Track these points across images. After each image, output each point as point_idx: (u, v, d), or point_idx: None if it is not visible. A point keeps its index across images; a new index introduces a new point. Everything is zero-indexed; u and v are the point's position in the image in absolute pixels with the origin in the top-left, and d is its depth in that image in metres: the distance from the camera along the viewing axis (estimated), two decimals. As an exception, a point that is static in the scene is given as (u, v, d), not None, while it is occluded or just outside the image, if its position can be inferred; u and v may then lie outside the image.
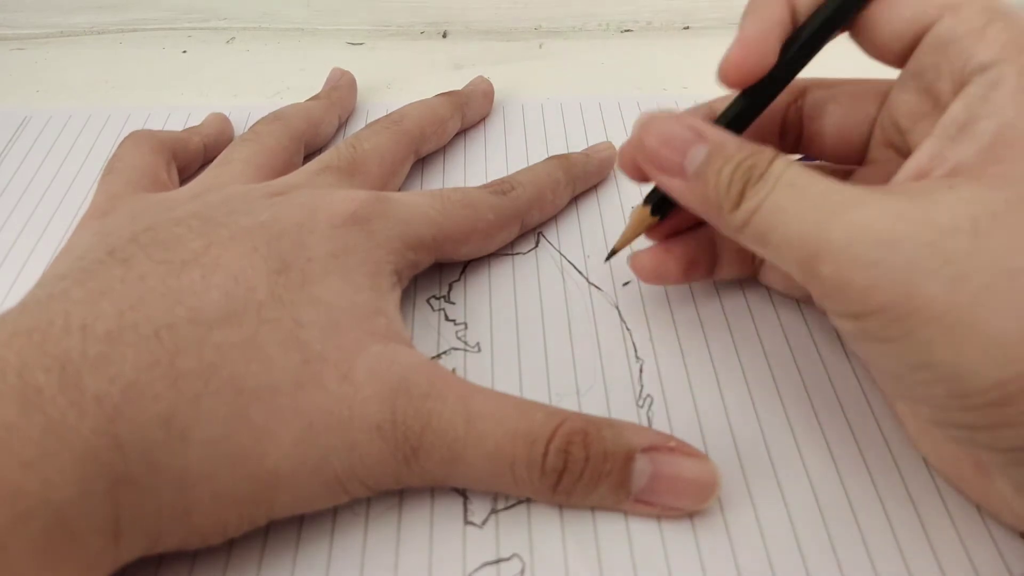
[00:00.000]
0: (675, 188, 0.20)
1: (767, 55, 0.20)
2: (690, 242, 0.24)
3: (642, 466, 0.19)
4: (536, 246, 0.28)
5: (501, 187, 0.26)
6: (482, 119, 0.34)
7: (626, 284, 0.26)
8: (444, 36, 0.41)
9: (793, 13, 0.20)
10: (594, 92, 0.36)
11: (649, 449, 0.19)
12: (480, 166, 0.31)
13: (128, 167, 0.26)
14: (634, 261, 0.24)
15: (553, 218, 0.29)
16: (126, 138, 0.28)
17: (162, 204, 0.23)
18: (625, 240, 0.24)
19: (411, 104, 0.30)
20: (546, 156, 0.29)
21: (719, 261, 0.24)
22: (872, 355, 0.18)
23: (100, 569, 0.16)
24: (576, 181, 0.29)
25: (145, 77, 0.37)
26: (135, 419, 0.16)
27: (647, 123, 0.20)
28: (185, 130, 0.31)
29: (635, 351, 0.24)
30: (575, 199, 0.29)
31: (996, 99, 0.17)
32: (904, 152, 0.20)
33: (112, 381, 0.16)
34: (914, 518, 0.20)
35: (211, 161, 0.27)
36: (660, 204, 0.22)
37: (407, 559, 0.19)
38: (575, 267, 0.27)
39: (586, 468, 0.19)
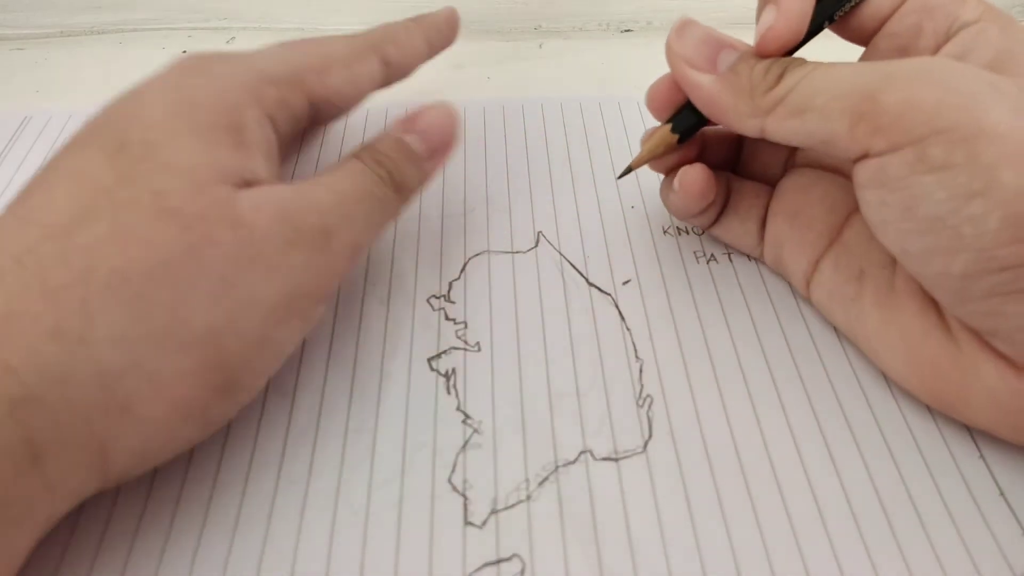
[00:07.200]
0: (703, 83, 0.21)
1: (802, 29, 0.21)
2: (719, 148, 0.26)
3: (411, 139, 0.23)
4: (536, 245, 0.28)
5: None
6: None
7: (626, 283, 0.26)
8: (444, 36, 0.41)
9: None
10: (594, 92, 0.36)
11: (405, 131, 0.23)
12: (480, 165, 0.31)
13: None
14: (684, 179, 0.24)
15: (553, 217, 0.29)
16: None
17: None
18: (641, 160, 0.25)
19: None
20: (546, 156, 0.29)
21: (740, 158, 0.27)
22: (925, 189, 0.18)
23: (33, 500, 0.16)
24: (428, 29, 0.27)
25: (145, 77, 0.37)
26: (19, 343, 0.16)
27: (682, 27, 0.22)
28: None
29: (635, 351, 0.24)
30: (574, 198, 0.29)
31: (985, 39, 0.20)
32: None
33: None
34: (914, 517, 0.20)
35: None
36: (682, 126, 0.24)
37: (407, 559, 0.19)
38: (575, 267, 0.27)
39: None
